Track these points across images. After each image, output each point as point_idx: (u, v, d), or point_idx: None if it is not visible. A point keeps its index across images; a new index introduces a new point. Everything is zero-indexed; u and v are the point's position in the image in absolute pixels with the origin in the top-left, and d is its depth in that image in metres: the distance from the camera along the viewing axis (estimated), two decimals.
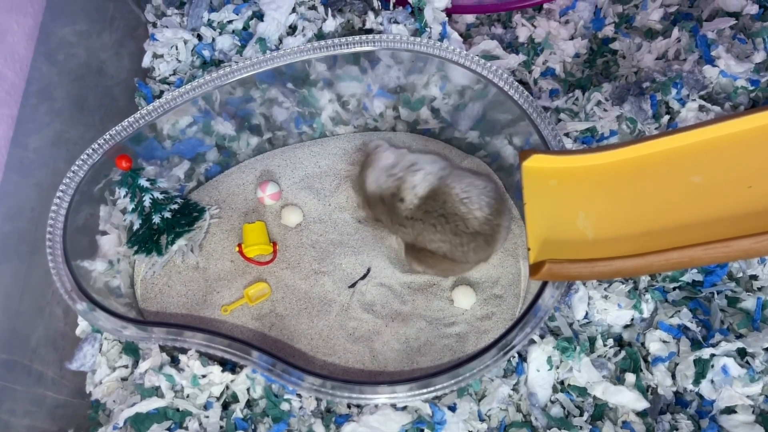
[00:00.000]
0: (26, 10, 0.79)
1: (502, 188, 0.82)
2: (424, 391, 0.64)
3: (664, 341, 0.71)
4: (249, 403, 0.71)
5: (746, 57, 0.84)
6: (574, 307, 0.73)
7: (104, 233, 0.77)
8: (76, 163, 0.73)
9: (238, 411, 0.69)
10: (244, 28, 0.94)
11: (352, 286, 0.80)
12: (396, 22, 0.87)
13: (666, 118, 0.82)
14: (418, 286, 0.80)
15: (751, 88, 0.82)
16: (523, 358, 0.71)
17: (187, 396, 0.69)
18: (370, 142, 0.86)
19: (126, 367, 0.74)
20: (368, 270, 0.81)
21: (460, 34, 0.95)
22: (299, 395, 0.70)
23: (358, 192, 0.83)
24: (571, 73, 0.94)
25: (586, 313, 0.73)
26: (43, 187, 0.75)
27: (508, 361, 0.71)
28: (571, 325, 0.73)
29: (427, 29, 0.87)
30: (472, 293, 0.77)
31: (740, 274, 0.74)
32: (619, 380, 0.69)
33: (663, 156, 0.63)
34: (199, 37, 0.95)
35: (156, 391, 0.68)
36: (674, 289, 0.74)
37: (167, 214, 0.78)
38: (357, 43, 0.78)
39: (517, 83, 0.75)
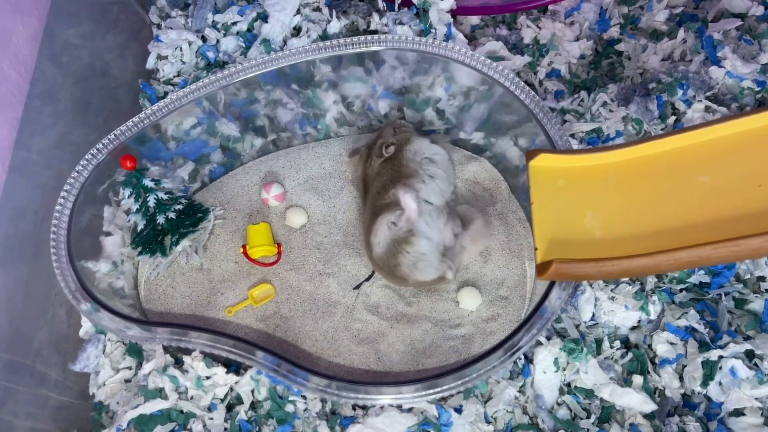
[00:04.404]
0: (31, 12, 0.79)
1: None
2: (430, 392, 0.63)
3: (672, 343, 0.70)
4: (253, 405, 0.70)
5: (752, 58, 0.84)
6: (580, 309, 0.72)
7: (108, 234, 0.77)
8: (80, 163, 0.73)
9: (242, 413, 0.69)
10: (249, 30, 0.94)
11: (357, 287, 0.80)
12: (401, 23, 0.87)
13: (672, 119, 0.82)
14: (423, 287, 0.79)
15: (758, 89, 0.82)
16: (529, 359, 0.70)
17: (191, 397, 0.69)
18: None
19: (129, 368, 0.74)
20: (373, 271, 0.80)
21: (465, 36, 0.95)
22: (304, 397, 0.70)
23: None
24: (577, 74, 0.94)
25: (593, 315, 0.72)
26: (46, 188, 0.75)
27: (515, 362, 0.70)
28: (577, 326, 0.72)
29: (432, 30, 0.87)
30: (477, 295, 0.77)
31: (748, 276, 0.74)
32: (626, 382, 0.69)
33: (671, 155, 0.63)
34: (204, 39, 0.95)
35: (160, 393, 0.68)
36: (681, 290, 0.74)
37: (171, 215, 0.78)
38: (362, 43, 0.78)
39: (523, 83, 0.75)
